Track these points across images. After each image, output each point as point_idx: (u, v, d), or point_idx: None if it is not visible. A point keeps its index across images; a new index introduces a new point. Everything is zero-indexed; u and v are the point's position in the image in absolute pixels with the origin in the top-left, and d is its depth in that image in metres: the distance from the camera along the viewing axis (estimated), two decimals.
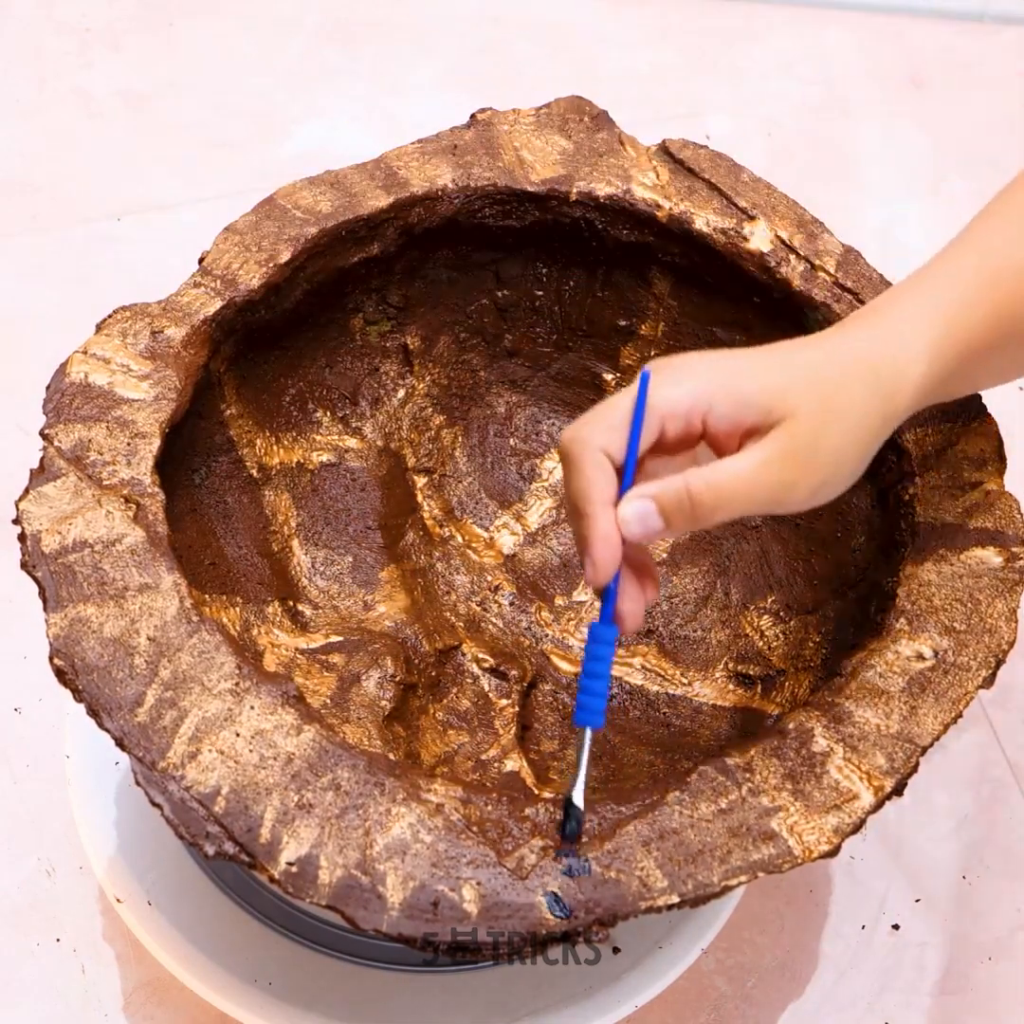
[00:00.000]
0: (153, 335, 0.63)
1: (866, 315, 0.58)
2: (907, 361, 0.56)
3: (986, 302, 0.57)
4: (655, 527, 0.52)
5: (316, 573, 0.73)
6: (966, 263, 0.58)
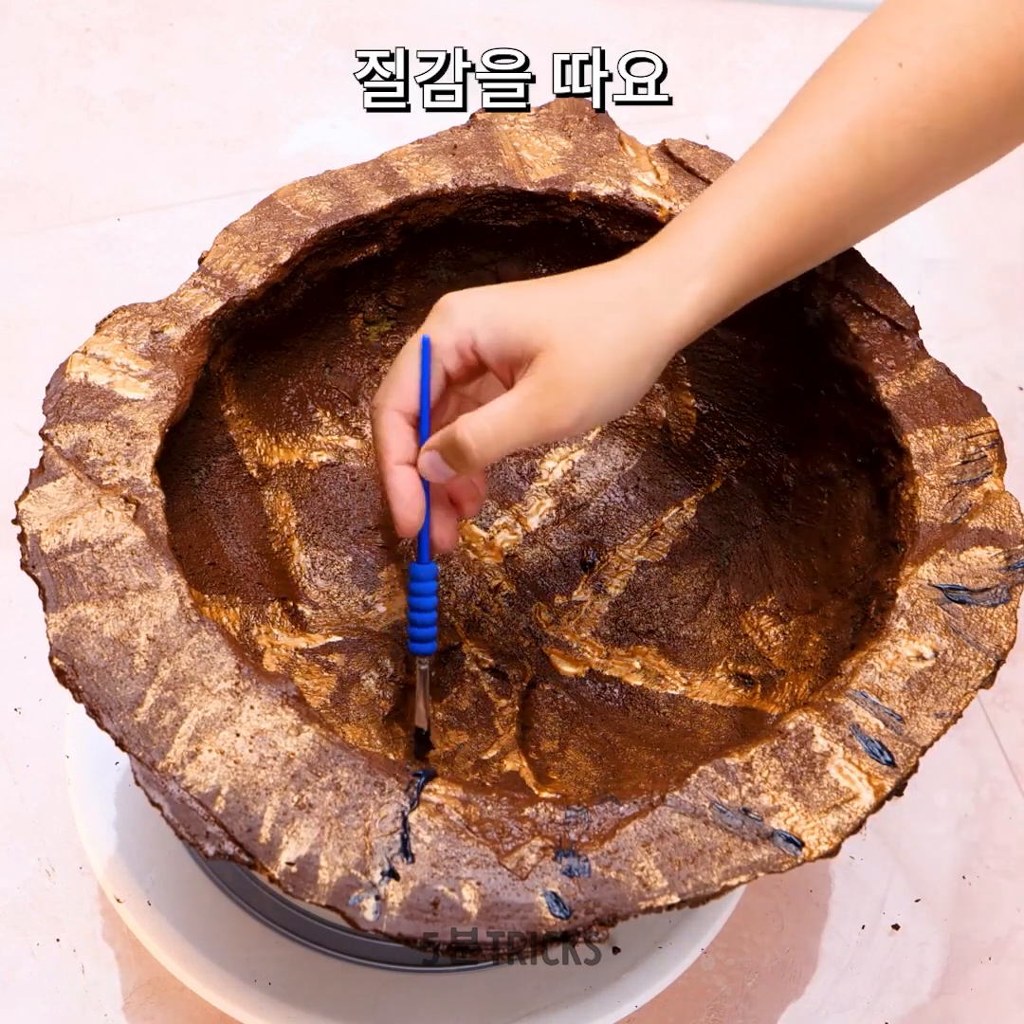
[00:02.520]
0: (153, 335, 0.63)
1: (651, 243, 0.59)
2: (679, 279, 0.57)
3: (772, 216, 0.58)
4: (447, 472, 0.58)
5: (316, 573, 0.73)
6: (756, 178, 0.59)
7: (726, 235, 0.58)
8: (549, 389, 0.55)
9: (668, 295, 0.57)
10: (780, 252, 0.59)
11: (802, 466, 0.72)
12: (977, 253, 1.06)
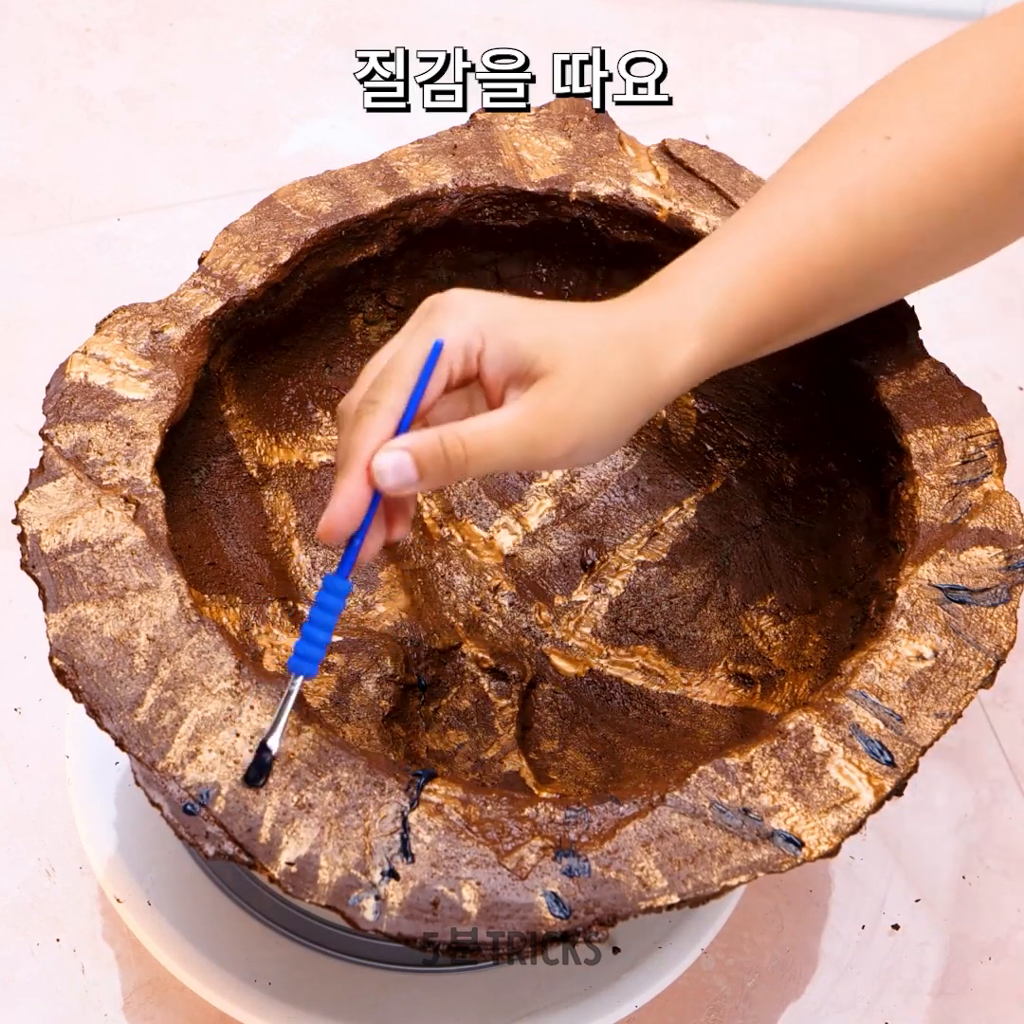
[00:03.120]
0: (153, 335, 0.63)
1: (646, 290, 0.59)
2: (677, 338, 0.57)
3: (764, 279, 0.58)
4: (410, 478, 0.52)
5: (316, 573, 0.73)
6: (747, 240, 0.59)
7: (721, 296, 0.58)
8: (549, 416, 0.53)
9: (667, 351, 0.57)
10: (770, 319, 0.59)
11: (802, 466, 0.72)
12: None
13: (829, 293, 0.60)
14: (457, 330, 0.53)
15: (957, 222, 0.59)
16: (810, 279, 0.59)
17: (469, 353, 0.53)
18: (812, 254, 0.58)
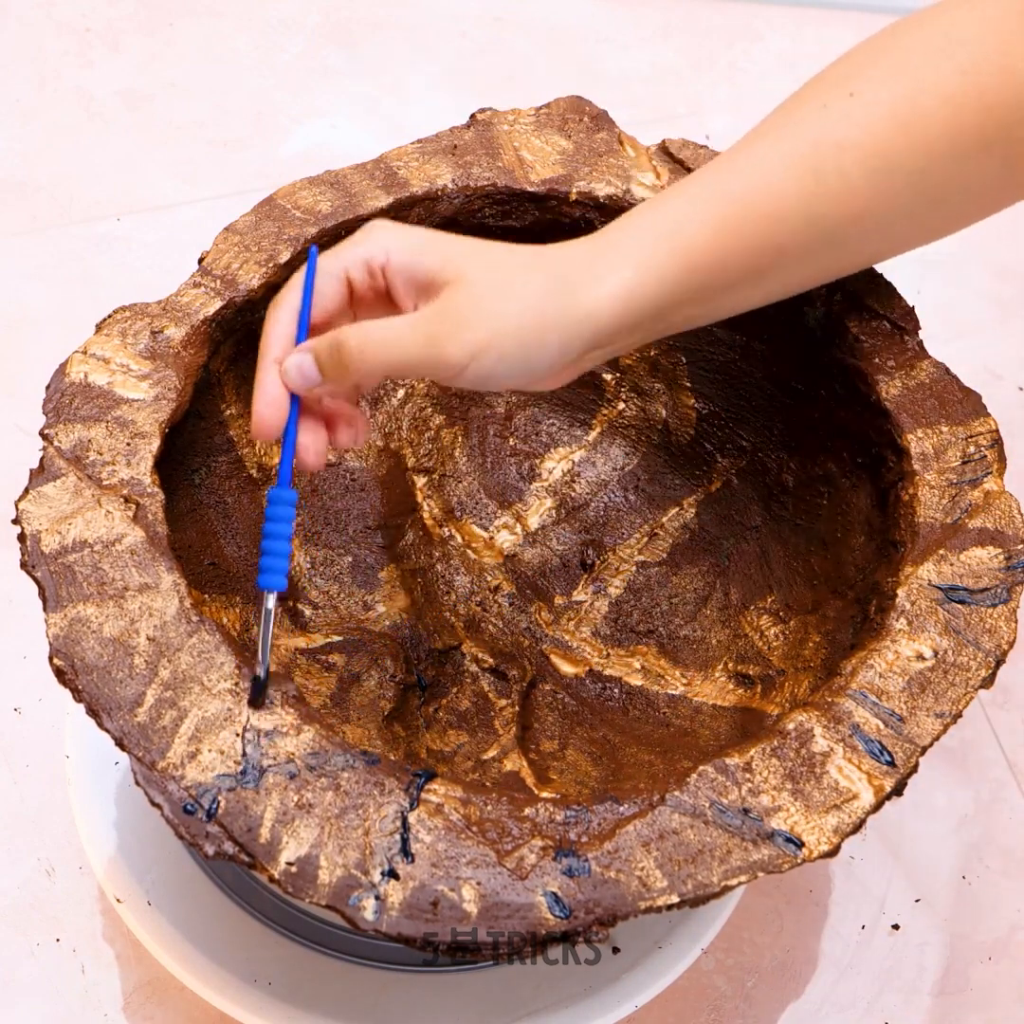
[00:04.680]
0: (153, 335, 0.63)
1: (578, 239, 0.58)
2: (604, 268, 0.56)
3: (704, 220, 0.57)
4: (312, 377, 0.54)
5: (316, 573, 0.73)
6: (691, 189, 0.58)
7: (657, 232, 0.56)
8: (447, 315, 0.53)
9: (590, 279, 0.55)
10: (716, 260, 0.57)
11: (802, 466, 0.72)
12: (977, 253, 1.06)
13: (780, 244, 0.58)
14: (363, 244, 0.56)
15: (922, 182, 0.58)
16: (757, 226, 0.57)
17: (372, 265, 0.55)
18: (759, 201, 0.57)
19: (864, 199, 0.57)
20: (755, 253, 0.58)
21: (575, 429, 0.79)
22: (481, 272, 0.54)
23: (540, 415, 0.79)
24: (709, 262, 0.57)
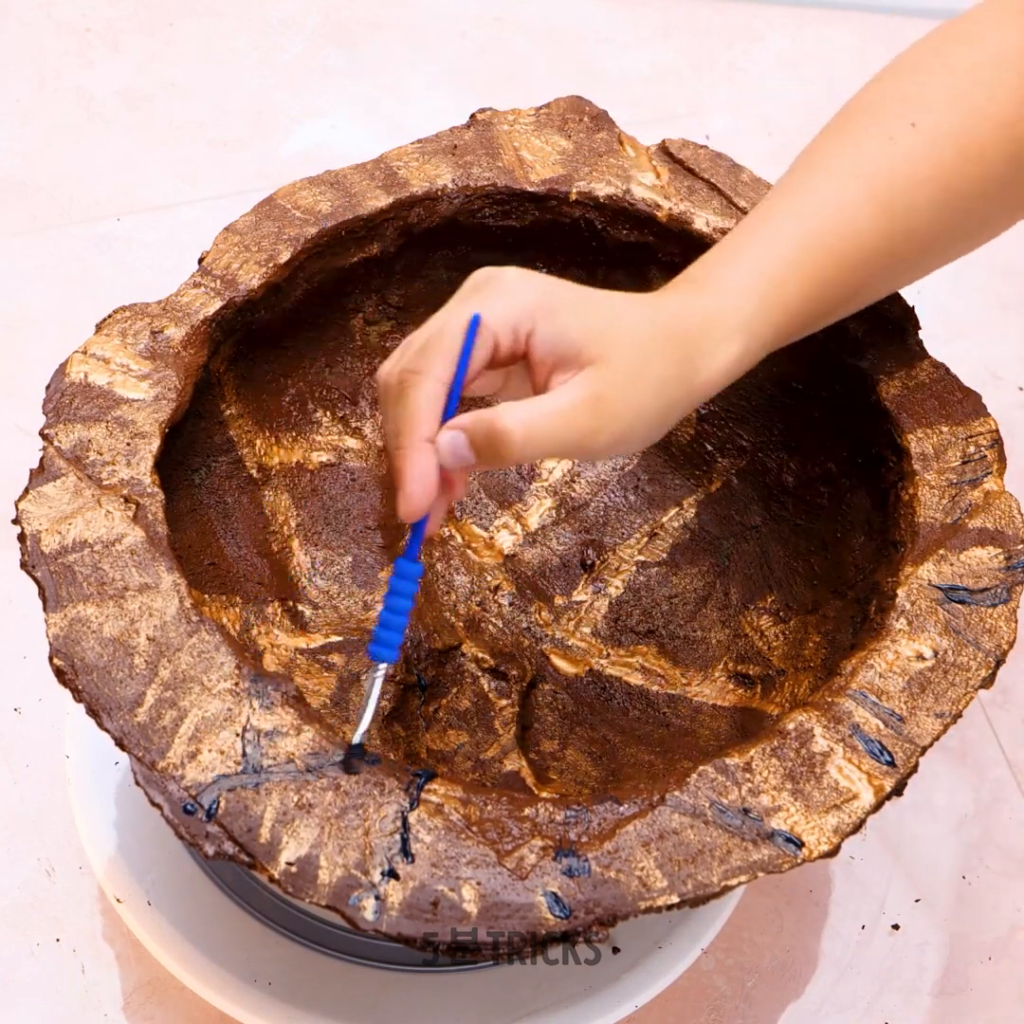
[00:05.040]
0: (153, 335, 0.63)
1: (684, 286, 0.58)
2: (718, 339, 0.57)
3: (798, 278, 0.58)
4: (467, 458, 0.52)
5: (316, 573, 0.73)
6: (779, 232, 0.59)
7: (758, 297, 0.57)
8: (597, 404, 0.53)
9: (707, 354, 0.57)
10: (805, 311, 0.59)
11: (802, 466, 0.72)
12: (977, 253, 1.06)
13: (858, 285, 0.60)
14: (507, 308, 0.53)
15: (981, 208, 0.60)
16: (842, 272, 0.59)
17: (519, 332, 0.53)
18: (844, 247, 0.58)
19: (932, 232, 0.60)
20: (838, 297, 0.60)
21: None
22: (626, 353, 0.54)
23: None
24: (800, 314, 0.59)
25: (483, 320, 0.52)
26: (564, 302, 0.54)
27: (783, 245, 0.58)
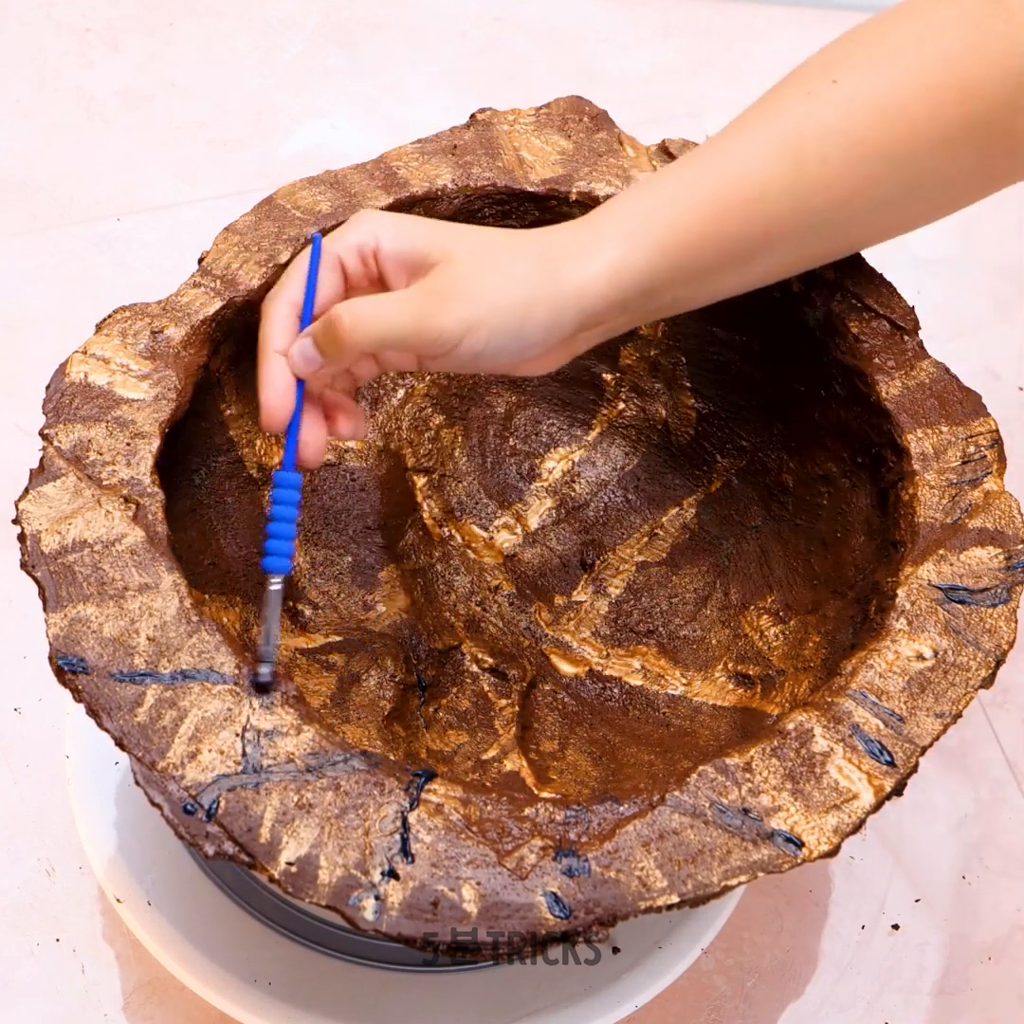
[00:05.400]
0: (153, 335, 0.63)
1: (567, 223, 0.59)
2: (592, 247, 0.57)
3: (691, 203, 0.58)
4: (313, 359, 0.56)
5: (316, 573, 0.73)
6: (677, 172, 0.59)
7: (645, 212, 0.57)
8: (439, 291, 0.54)
9: (578, 259, 0.56)
10: (703, 242, 0.58)
11: (802, 466, 0.72)
12: (977, 253, 1.06)
13: (767, 227, 0.59)
14: (350, 230, 0.57)
15: (903, 170, 0.59)
16: (744, 210, 0.58)
17: (364, 252, 0.56)
18: (746, 186, 0.58)
19: (846, 185, 0.58)
20: (743, 236, 0.59)
21: (575, 429, 0.79)
22: (470, 252, 0.55)
23: (540, 415, 0.79)
24: (696, 243, 0.58)
25: (324, 244, 0.57)
26: (412, 221, 0.57)
27: (678, 180, 0.58)
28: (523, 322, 0.55)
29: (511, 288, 0.55)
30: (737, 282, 0.61)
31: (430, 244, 0.56)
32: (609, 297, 0.57)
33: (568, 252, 0.57)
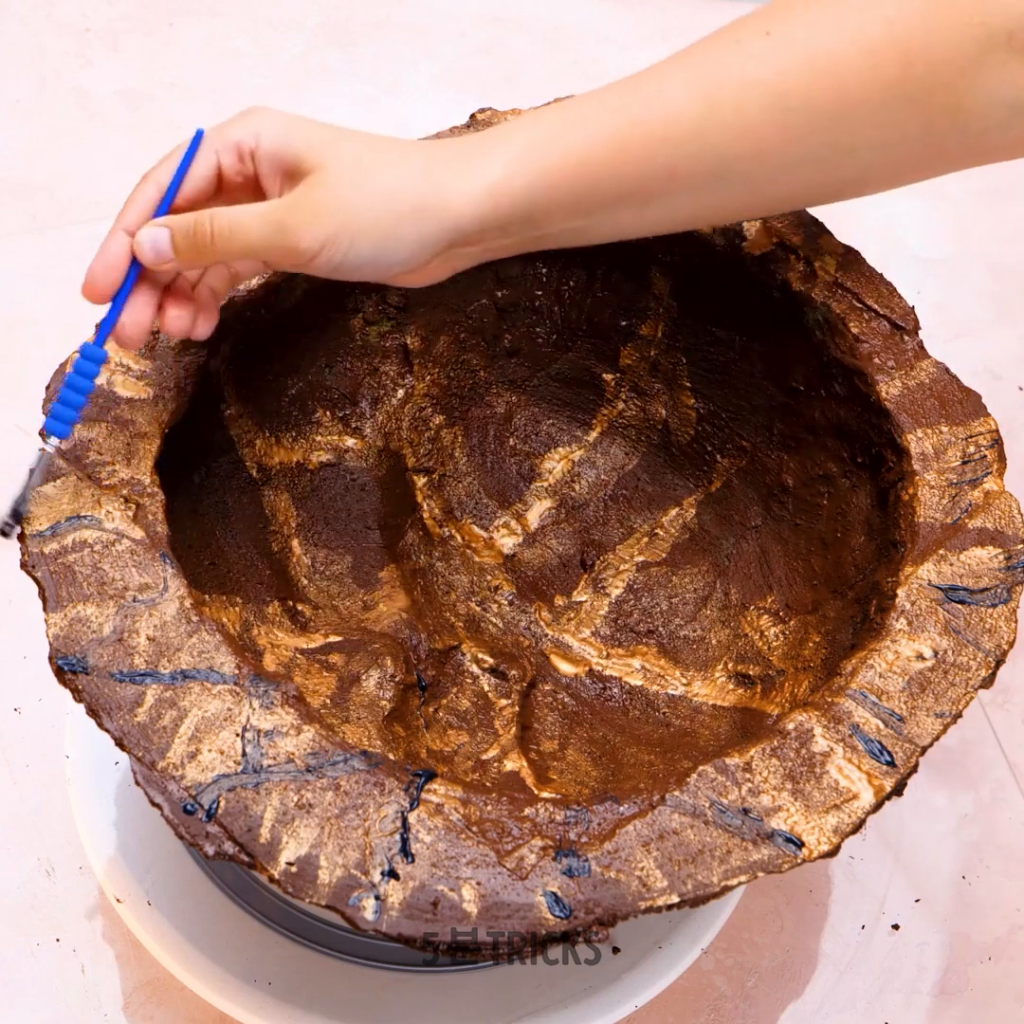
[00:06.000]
0: (153, 335, 0.63)
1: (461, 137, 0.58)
2: (473, 164, 0.55)
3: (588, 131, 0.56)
4: (165, 252, 0.55)
5: (316, 573, 0.73)
6: (581, 101, 0.57)
7: (536, 135, 0.56)
8: (301, 204, 0.54)
9: (456, 174, 0.55)
10: (596, 172, 0.56)
11: (802, 466, 0.72)
12: (977, 253, 1.07)
13: (670, 168, 0.57)
14: (233, 127, 0.56)
15: (830, 129, 0.56)
16: (647, 146, 0.56)
17: (242, 149, 0.56)
18: (653, 122, 0.56)
19: (762, 137, 0.56)
20: (642, 172, 0.57)
21: (575, 429, 0.79)
22: (343, 161, 0.55)
23: (540, 415, 0.79)
24: (588, 173, 0.56)
25: (205, 135, 0.56)
26: (293, 121, 0.56)
27: (579, 108, 0.57)
28: (386, 238, 0.55)
29: (374, 206, 0.54)
30: (635, 222, 0.59)
31: (307, 148, 0.55)
32: (485, 218, 0.56)
33: (450, 167, 0.55)
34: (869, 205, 1.09)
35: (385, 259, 0.55)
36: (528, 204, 0.56)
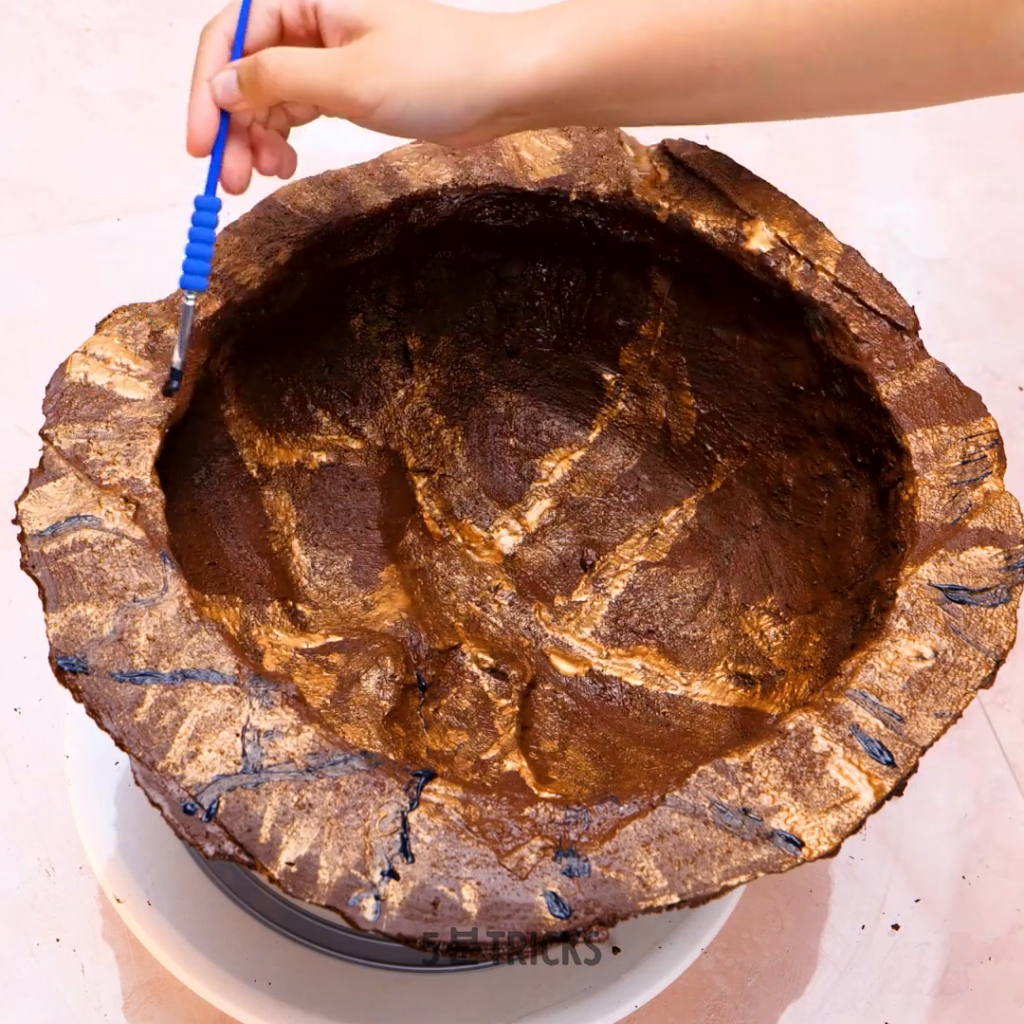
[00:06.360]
0: (153, 335, 0.63)
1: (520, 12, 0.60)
2: (527, 41, 0.58)
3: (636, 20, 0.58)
4: (233, 92, 0.59)
5: (316, 573, 0.73)
6: None
7: (590, 20, 0.58)
8: (361, 58, 0.57)
9: (511, 48, 0.58)
10: (644, 61, 0.59)
11: (802, 466, 0.72)
12: (977, 253, 1.07)
13: (712, 62, 0.59)
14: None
15: (866, 39, 0.59)
16: (692, 40, 0.59)
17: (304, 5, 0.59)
18: (699, 17, 0.58)
19: (803, 40, 0.59)
20: (686, 65, 0.59)
21: (575, 429, 0.79)
22: (404, 24, 0.57)
23: (540, 415, 0.79)
24: (636, 60, 0.59)
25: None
26: None
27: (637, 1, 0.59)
28: (439, 100, 0.57)
29: (434, 67, 0.57)
30: (674, 112, 0.62)
31: (368, 9, 0.57)
32: (532, 92, 0.58)
33: (506, 39, 0.58)
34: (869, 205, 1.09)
35: (437, 120, 0.58)
36: (574, 84, 0.59)
